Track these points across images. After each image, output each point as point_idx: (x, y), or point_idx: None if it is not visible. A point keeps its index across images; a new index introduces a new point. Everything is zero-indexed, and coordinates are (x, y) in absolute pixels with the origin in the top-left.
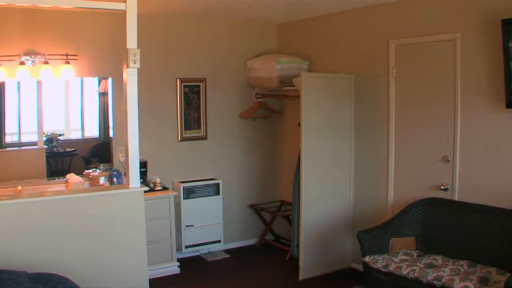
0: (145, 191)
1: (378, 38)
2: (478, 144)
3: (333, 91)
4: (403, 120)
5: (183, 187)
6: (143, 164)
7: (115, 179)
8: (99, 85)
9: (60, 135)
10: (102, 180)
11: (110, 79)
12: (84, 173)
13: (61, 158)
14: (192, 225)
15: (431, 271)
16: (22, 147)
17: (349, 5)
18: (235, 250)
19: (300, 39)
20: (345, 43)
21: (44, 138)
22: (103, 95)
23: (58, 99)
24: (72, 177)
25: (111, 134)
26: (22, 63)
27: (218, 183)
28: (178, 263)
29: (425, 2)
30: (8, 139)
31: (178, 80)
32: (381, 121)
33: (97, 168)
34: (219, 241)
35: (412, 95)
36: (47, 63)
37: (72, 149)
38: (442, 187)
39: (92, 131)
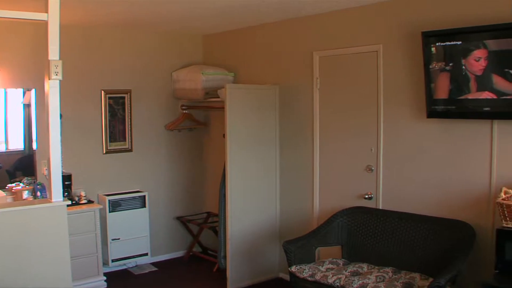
0: (69, 205)
1: (302, 50)
2: (401, 153)
3: (258, 102)
4: (327, 130)
5: (109, 200)
6: (67, 177)
7: (38, 193)
8: (23, 96)
9: None
10: (25, 194)
11: (33, 91)
12: (7, 187)
13: None
14: (119, 239)
15: (357, 279)
16: None
17: (274, 17)
18: (163, 262)
19: (226, 50)
20: (270, 55)
21: None
22: (27, 106)
23: None
24: None
25: (35, 146)
26: None
27: (144, 196)
28: (105, 277)
29: (348, 14)
30: None
31: (102, 91)
32: (306, 132)
33: (20, 182)
34: (146, 254)
35: (336, 106)
36: None
37: None
38: (367, 196)
39: (17, 143)
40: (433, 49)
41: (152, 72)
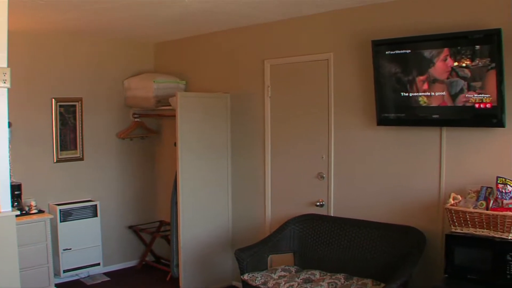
0: (19, 215)
1: (253, 58)
2: (352, 161)
3: (209, 111)
4: (279, 138)
5: (60, 209)
6: (17, 187)
7: None
8: None
9: None
10: None
11: None
12: None
13: None
14: (70, 249)
15: (309, 286)
16: None
17: (225, 25)
18: (115, 272)
19: (177, 58)
20: (222, 63)
21: None
22: None
23: None
24: None
25: None
26: None
27: (96, 205)
28: None
29: (299, 23)
30: None
31: (53, 99)
32: (257, 140)
33: None
34: (98, 264)
35: (287, 114)
36: None
37: None
38: (318, 203)
39: None
40: (385, 57)
41: (103, 80)
